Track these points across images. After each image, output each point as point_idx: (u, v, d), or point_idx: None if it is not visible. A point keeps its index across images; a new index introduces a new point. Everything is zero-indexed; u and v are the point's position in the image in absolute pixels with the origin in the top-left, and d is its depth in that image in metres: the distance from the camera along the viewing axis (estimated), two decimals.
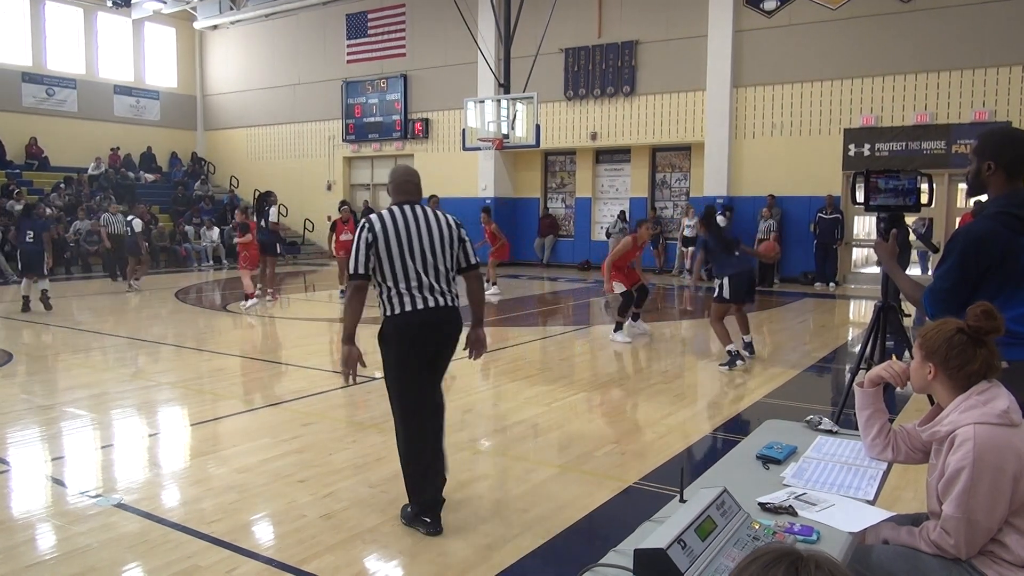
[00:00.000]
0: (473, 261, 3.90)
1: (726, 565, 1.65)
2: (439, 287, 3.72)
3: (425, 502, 3.66)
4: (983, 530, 2.04)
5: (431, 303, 3.67)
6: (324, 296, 13.69)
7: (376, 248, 3.65)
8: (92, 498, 4.10)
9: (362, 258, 3.66)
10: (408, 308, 3.66)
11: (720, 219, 12.64)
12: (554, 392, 6.56)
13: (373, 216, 3.73)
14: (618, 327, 9.07)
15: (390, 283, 3.68)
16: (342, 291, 11.55)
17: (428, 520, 3.65)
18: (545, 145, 17.42)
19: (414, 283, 3.66)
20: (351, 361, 3.77)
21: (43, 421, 5.62)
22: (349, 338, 3.78)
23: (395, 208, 3.76)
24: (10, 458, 4.83)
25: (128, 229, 14.71)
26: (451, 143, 20.05)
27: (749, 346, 7.99)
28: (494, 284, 14.05)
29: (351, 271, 3.71)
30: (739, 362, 7.51)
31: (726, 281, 7.72)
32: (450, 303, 3.76)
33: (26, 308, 11.19)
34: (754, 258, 8.71)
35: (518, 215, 20.02)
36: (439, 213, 3.83)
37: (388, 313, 3.73)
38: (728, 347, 7.59)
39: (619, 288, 8.92)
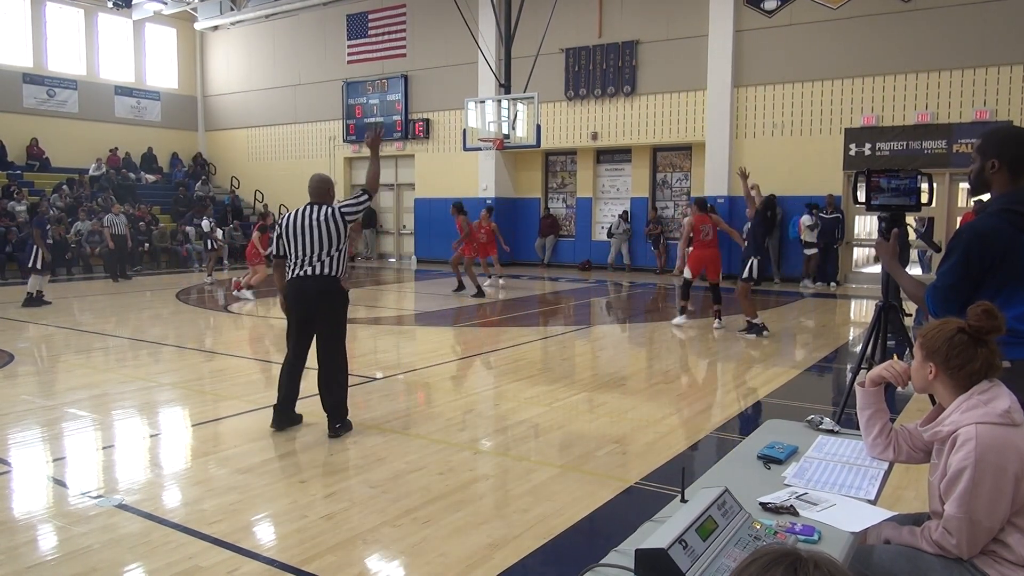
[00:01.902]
0: (358, 202, 5.42)
1: (727, 565, 1.64)
2: (312, 263, 5.14)
3: (276, 404, 5.33)
4: (985, 530, 2.03)
5: (301, 273, 5.16)
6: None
7: (283, 237, 5.22)
8: (93, 499, 4.11)
9: (276, 244, 5.32)
10: (291, 277, 5.21)
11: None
12: (555, 392, 6.56)
13: (285, 215, 5.32)
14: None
15: (289, 260, 5.24)
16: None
17: (272, 416, 5.32)
18: (546, 145, 17.43)
19: (299, 260, 5.17)
20: (283, 306, 5.39)
21: (44, 422, 5.63)
22: (281, 291, 5.38)
23: (298, 210, 5.24)
24: (11, 459, 4.83)
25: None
26: (452, 143, 20.05)
27: (762, 326, 9.17)
28: (490, 278, 14.12)
29: (273, 253, 5.37)
30: (765, 332, 8.91)
31: (755, 263, 8.81)
32: (319, 272, 5.13)
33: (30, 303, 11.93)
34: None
35: (519, 215, 20.02)
36: (326, 211, 5.18)
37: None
38: (754, 320, 8.90)
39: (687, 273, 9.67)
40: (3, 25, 21.05)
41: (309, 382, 6.74)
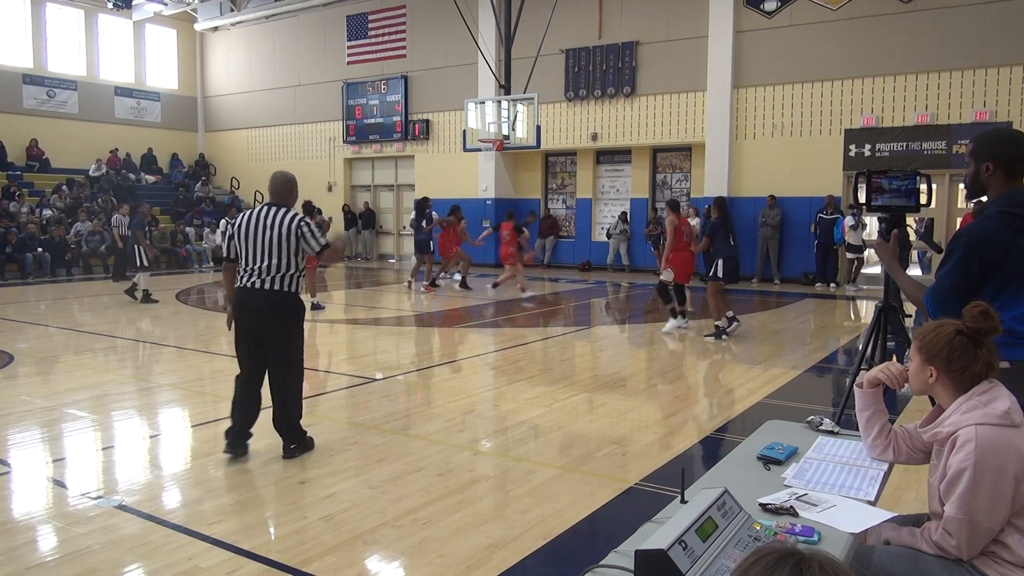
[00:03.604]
0: (318, 247, 4.72)
1: (727, 566, 1.64)
2: (262, 272, 4.62)
3: (228, 429, 4.76)
4: (985, 531, 2.03)
5: (248, 283, 4.64)
6: (324, 296, 13.68)
7: (235, 238, 4.72)
8: (93, 499, 4.11)
9: (226, 246, 4.81)
10: (239, 285, 4.69)
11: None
12: (555, 393, 6.56)
13: (239, 214, 4.90)
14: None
15: (240, 265, 4.73)
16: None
17: (225, 440, 4.74)
18: (546, 146, 17.44)
19: (247, 267, 4.66)
20: (229, 319, 4.85)
21: (44, 422, 5.62)
22: (227, 300, 4.87)
23: (253, 210, 4.76)
24: (11, 460, 4.83)
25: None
26: (452, 144, 20.05)
27: (733, 318, 9.30)
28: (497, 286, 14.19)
29: (223, 255, 4.88)
30: (723, 337, 8.92)
31: (720, 262, 8.96)
32: (266, 286, 4.60)
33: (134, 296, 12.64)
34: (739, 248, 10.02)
35: (519, 216, 19.99)
36: (283, 215, 4.67)
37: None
38: (717, 322, 8.92)
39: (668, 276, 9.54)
40: (3, 26, 21.05)
41: (310, 383, 6.71)
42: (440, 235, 14.27)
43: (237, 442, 4.73)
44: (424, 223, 14.44)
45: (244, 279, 4.66)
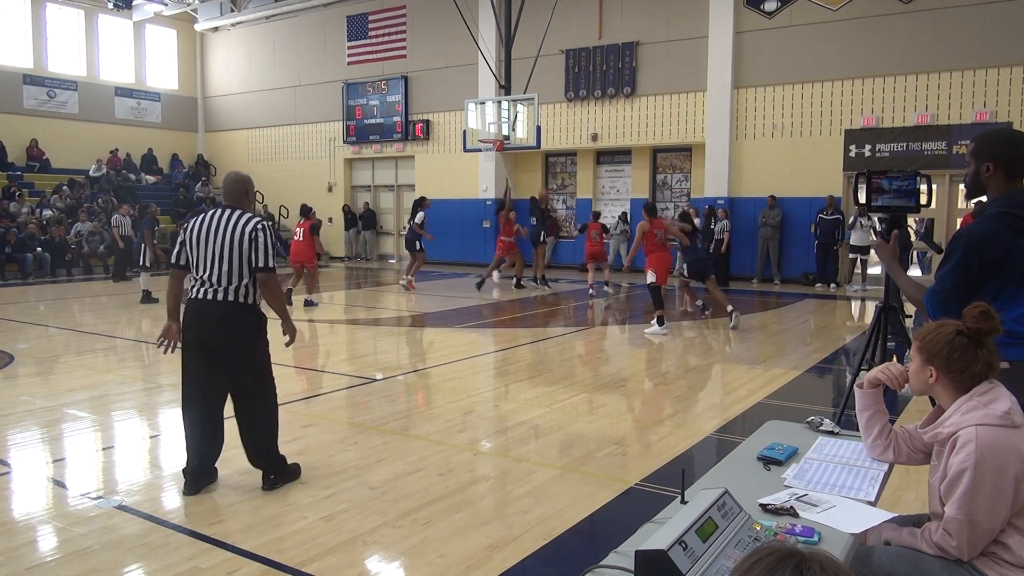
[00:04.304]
0: (262, 264, 4.15)
1: (727, 566, 1.64)
2: (214, 282, 4.11)
3: (186, 466, 4.23)
4: (985, 531, 2.03)
5: (199, 295, 4.14)
6: (324, 297, 13.69)
7: (186, 244, 4.21)
8: (93, 500, 4.11)
9: (176, 251, 4.29)
10: (190, 296, 4.19)
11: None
12: (555, 393, 6.56)
13: (192, 219, 4.33)
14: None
15: (192, 273, 4.22)
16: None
17: (184, 480, 4.21)
18: (546, 146, 17.44)
19: (199, 275, 4.16)
20: (169, 335, 4.25)
21: (44, 423, 5.63)
22: (169, 314, 4.29)
23: (207, 213, 4.25)
24: (11, 460, 4.83)
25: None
26: (452, 144, 20.05)
27: (702, 306, 10.88)
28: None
29: (172, 260, 4.32)
30: (665, 331, 9.52)
31: (686, 264, 10.17)
32: (219, 297, 4.11)
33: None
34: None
35: (519, 216, 19.96)
36: (237, 218, 4.16)
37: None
38: (659, 312, 9.60)
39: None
40: (3, 26, 21.06)
41: (310, 383, 6.70)
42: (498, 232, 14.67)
43: (198, 482, 4.22)
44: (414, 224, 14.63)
45: (195, 289, 4.16)
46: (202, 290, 4.13)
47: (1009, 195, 2.67)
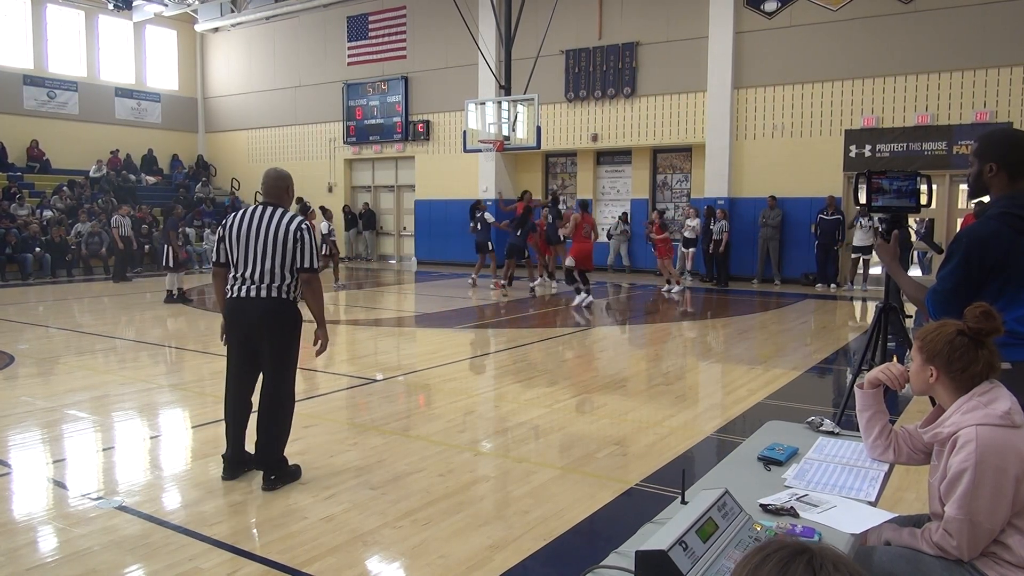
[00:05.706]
0: (305, 264, 4.23)
1: (728, 567, 1.64)
2: (255, 280, 4.18)
3: (225, 453, 4.39)
4: (985, 531, 2.03)
5: (242, 293, 4.20)
6: (324, 297, 13.70)
7: (225, 242, 4.26)
8: (93, 500, 4.11)
9: (215, 249, 4.35)
10: (230, 295, 4.26)
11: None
12: (555, 394, 6.56)
13: (230, 215, 4.35)
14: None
15: (231, 271, 4.27)
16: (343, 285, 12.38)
17: (223, 465, 4.38)
18: (546, 147, 17.44)
19: (239, 273, 4.21)
20: (222, 332, 4.41)
21: (44, 423, 5.63)
22: (220, 310, 4.40)
23: (246, 209, 4.30)
24: (11, 460, 4.83)
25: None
26: (452, 145, 20.05)
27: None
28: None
29: (213, 260, 4.40)
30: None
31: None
32: (262, 294, 4.17)
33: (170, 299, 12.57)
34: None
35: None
36: (280, 216, 4.20)
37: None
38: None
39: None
40: (4, 27, 21.06)
41: (310, 383, 6.73)
42: (532, 234, 14.64)
43: (236, 468, 4.38)
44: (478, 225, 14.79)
45: (236, 288, 4.20)
46: (244, 288, 4.19)
47: (1011, 195, 2.67)
